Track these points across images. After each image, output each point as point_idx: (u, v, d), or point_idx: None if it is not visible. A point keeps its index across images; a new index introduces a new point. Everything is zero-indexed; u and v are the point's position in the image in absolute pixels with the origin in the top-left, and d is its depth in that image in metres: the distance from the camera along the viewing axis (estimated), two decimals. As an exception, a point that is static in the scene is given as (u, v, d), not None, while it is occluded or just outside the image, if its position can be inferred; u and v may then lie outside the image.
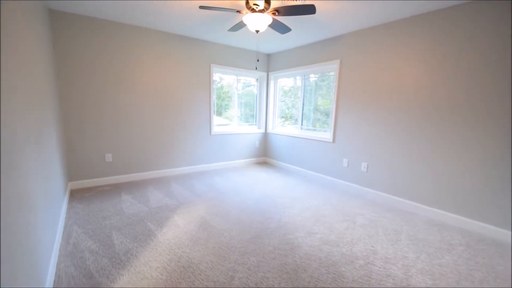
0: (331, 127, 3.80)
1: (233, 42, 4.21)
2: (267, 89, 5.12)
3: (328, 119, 4.03)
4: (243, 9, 2.50)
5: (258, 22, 2.44)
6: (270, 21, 2.50)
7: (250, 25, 2.48)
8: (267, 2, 2.35)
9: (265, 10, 2.41)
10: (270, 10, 2.42)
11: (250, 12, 2.44)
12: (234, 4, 2.59)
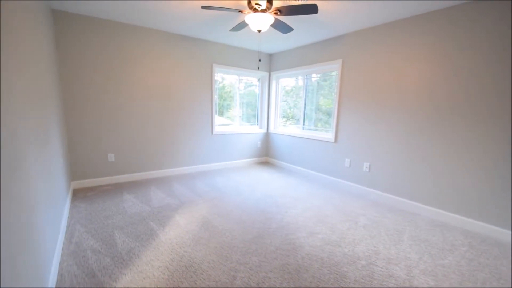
0: (333, 127, 3.79)
1: (235, 42, 4.22)
2: (269, 89, 5.12)
3: (329, 119, 4.02)
4: (245, 9, 2.50)
5: (260, 22, 2.43)
6: (272, 21, 2.49)
7: (252, 25, 2.48)
8: (269, 2, 2.35)
9: (267, 10, 2.41)
10: (272, 10, 2.42)
11: (252, 12, 2.43)
12: (236, 4, 2.60)
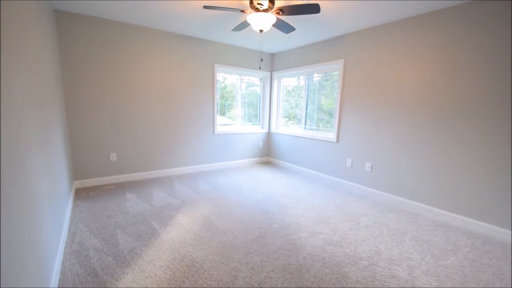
0: (335, 127, 3.78)
1: (236, 42, 4.22)
2: (271, 88, 5.12)
3: (331, 119, 4.01)
4: (247, 8, 2.50)
5: (262, 21, 2.43)
6: (274, 20, 2.49)
7: (254, 24, 2.48)
8: (271, 1, 2.35)
9: (269, 9, 2.41)
10: (274, 9, 2.42)
11: (254, 11, 2.43)
12: (238, 3, 2.59)
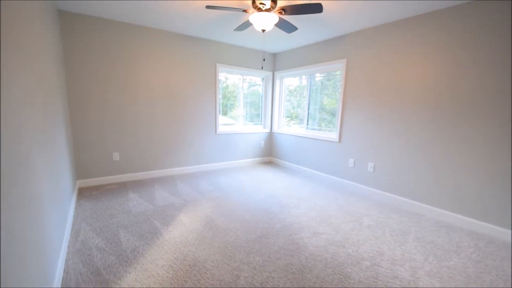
0: (337, 127, 3.77)
1: (239, 42, 4.22)
2: (273, 88, 5.11)
3: (333, 119, 4.00)
4: (250, 8, 2.49)
5: (265, 21, 2.43)
6: (277, 20, 2.49)
7: (256, 24, 2.48)
8: (274, 1, 2.34)
9: (271, 9, 2.40)
10: (277, 9, 2.41)
11: (257, 11, 2.43)
12: (241, 3, 2.59)
